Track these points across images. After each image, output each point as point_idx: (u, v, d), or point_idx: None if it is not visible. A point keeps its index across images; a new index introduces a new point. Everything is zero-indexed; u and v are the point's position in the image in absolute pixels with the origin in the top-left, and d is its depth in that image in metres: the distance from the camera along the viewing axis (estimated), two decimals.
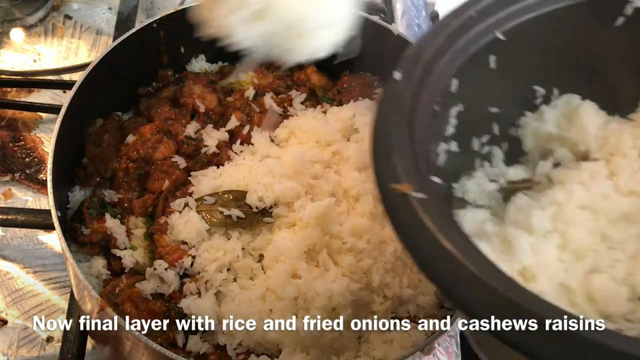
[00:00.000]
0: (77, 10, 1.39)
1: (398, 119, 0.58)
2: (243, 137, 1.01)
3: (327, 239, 0.93)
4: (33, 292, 1.06)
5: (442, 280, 0.51)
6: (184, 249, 0.92)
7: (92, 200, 0.96)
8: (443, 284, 0.51)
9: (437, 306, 0.94)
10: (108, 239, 0.93)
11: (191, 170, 1.00)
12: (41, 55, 1.32)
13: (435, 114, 0.60)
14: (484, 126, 0.66)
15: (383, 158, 0.57)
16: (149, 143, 0.99)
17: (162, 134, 1.00)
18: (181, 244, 0.93)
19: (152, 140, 0.99)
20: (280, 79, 1.08)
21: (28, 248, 1.10)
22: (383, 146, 0.57)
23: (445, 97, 0.60)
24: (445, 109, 0.61)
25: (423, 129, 0.57)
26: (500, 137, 0.67)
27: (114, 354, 0.92)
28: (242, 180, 0.96)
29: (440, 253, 0.51)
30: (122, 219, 0.95)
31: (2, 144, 1.19)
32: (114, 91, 1.04)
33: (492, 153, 0.67)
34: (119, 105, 1.07)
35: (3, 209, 1.02)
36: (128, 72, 1.05)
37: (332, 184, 0.98)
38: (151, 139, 0.99)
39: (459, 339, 1.11)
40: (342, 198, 0.97)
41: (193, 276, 0.91)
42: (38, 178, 1.16)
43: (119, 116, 1.06)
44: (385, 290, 0.93)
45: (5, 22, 1.34)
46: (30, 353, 1.01)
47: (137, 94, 1.08)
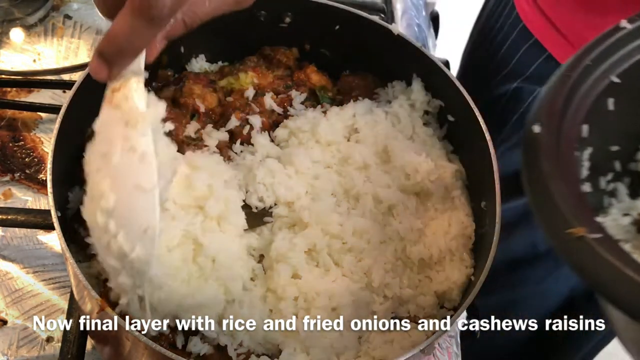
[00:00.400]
0: (77, 10, 1.39)
1: (550, 168, 0.63)
2: (243, 137, 1.01)
3: (328, 239, 0.93)
4: (33, 292, 1.06)
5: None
6: None
7: None
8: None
9: (437, 306, 0.94)
10: None
11: None
12: (41, 55, 1.32)
13: (576, 160, 0.66)
14: (608, 164, 0.72)
15: (548, 207, 0.62)
16: None
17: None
18: None
19: None
20: (280, 79, 1.08)
21: (28, 248, 1.10)
22: (544, 195, 0.63)
23: (579, 143, 0.67)
24: (580, 154, 0.68)
25: (569, 175, 0.64)
26: (622, 173, 0.73)
27: (113, 354, 0.92)
28: (242, 181, 0.96)
29: (633, 287, 0.56)
30: None
31: (2, 144, 1.19)
32: None
33: (617, 189, 0.72)
34: None
35: (3, 209, 1.02)
36: None
37: (333, 184, 0.98)
38: None
39: (459, 339, 1.11)
40: (342, 198, 0.97)
41: None
42: (38, 178, 1.16)
43: None
44: (386, 290, 0.93)
45: (5, 22, 1.34)
46: (30, 353, 1.01)
47: None
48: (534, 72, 1.36)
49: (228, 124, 1.02)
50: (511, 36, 1.39)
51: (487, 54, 1.48)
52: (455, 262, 0.96)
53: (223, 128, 1.02)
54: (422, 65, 1.10)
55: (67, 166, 0.97)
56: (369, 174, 0.99)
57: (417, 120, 1.06)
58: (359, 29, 1.11)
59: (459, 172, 1.03)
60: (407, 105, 1.06)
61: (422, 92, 1.09)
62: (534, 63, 1.35)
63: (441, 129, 1.07)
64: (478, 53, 1.57)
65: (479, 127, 1.02)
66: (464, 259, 0.96)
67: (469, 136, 1.05)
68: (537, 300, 1.64)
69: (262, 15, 1.08)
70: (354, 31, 1.12)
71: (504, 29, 1.42)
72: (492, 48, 1.46)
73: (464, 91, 1.03)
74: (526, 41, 1.36)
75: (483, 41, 1.52)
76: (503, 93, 1.44)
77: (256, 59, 1.10)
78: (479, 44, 1.57)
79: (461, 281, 0.95)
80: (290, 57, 1.10)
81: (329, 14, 1.10)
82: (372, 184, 0.98)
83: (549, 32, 1.31)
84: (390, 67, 1.11)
